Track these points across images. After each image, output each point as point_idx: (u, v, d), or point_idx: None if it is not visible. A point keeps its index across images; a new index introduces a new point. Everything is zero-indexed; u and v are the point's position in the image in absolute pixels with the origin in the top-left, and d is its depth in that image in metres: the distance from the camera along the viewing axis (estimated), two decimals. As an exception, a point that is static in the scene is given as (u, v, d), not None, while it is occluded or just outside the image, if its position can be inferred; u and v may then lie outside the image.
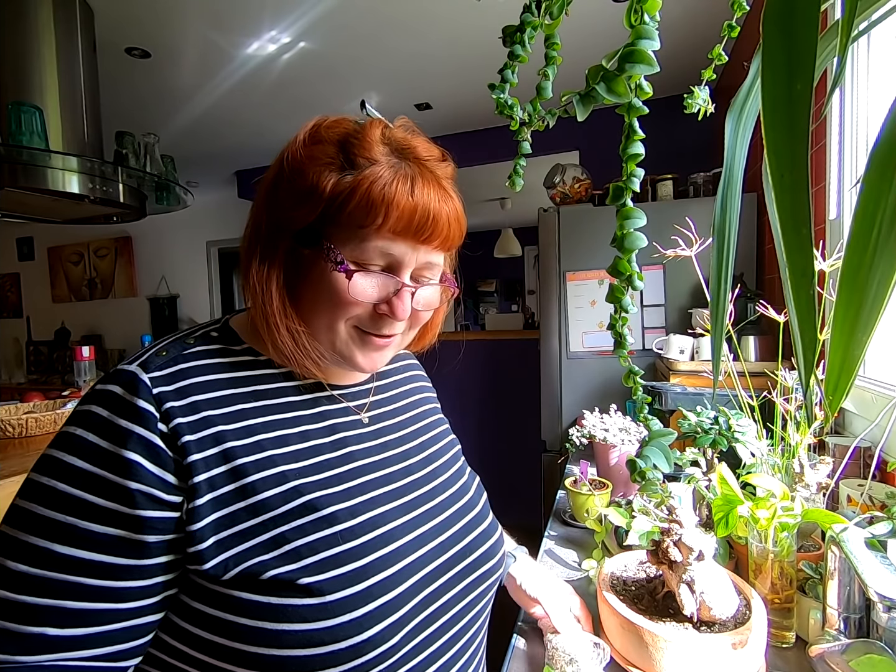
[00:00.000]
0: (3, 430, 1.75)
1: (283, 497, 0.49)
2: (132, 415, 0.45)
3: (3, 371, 5.26)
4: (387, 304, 0.53)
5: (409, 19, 2.19)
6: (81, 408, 0.47)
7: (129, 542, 0.44)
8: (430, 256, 0.54)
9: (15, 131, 1.67)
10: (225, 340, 0.56)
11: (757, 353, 1.70)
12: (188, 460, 0.46)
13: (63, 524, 0.43)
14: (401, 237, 0.51)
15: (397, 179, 0.50)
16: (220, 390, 0.51)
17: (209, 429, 0.48)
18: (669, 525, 0.65)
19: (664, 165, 2.37)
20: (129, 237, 4.98)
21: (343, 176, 0.50)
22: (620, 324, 0.52)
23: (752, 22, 1.72)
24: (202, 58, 2.45)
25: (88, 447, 0.44)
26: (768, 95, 0.26)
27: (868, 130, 1.23)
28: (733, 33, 0.71)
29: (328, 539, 0.49)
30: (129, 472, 0.44)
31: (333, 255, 0.50)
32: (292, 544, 0.47)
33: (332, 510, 0.50)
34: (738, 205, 0.42)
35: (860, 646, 0.61)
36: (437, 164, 0.54)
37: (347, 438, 0.57)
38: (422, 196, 0.50)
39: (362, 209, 0.49)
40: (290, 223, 0.52)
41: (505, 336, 3.84)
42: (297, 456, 0.52)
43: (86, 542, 0.43)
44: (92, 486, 0.43)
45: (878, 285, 0.27)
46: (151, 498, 0.44)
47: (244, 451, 0.49)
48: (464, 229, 0.56)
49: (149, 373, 0.48)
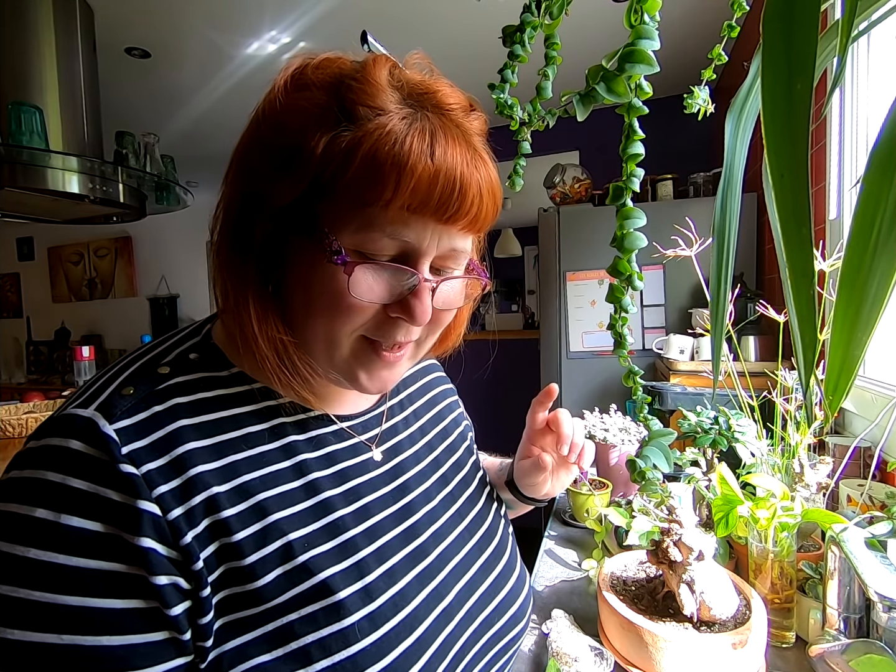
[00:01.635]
0: (3, 430, 1.75)
1: (288, 578, 0.39)
2: (119, 483, 0.34)
3: (3, 371, 5.26)
4: (400, 304, 0.41)
5: (409, 19, 2.19)
6: (30, 475, 0.34)
7: (161, 652, 0.34)
8: (456, 241, 0.41)
9: (15, 131, 1.67)
10: (207, 365, 0.43)
11: (757, 353, 1.71)
12: (183, 542, 0.35)
13: (84, 647, 0.32)
14: (418, 215, 0.38)
15: (412, 135, 0.37)
16: (207, 438, 0.39)
17: (198, 494, 0.37)
18: (669, 525, 0.65)
19: (664, 165, 2.37)
20: (129, 237, 4.98)
21: (339, 132, 0.37)
22: (620, 324, 0.52)
23: (752, 22, 1.72)
24: (202, 58, 2.45)
25: (77, 536, 0.33)
26: (768, 95, 0.26)
27: (868, 130, 1.23)
28: (733, 33, 0.71)
29: (345, 635, 0.39)
30: (148, 563, 0.34)
31: (328, 241, 0.38)
32: (300, 642, 0.37)
33: (347, 594, 0.40)
34: (738, 205, 0.42)
35: (860, 646, 0.61)
36: (463, 115, 0.42)
37: (361, 487, 0.47)
38: (445, 158, 0.37)
39: (365, 177, 0.36)
40: (270, 199, 0.39)
41: (505, 336, 3.84)
42: (305, 518, 0.42)
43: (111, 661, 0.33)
44: (98, 588, 0.33)
45: (878, 285, 0.27)
46: (177, 590, 0.35)
47: (240, 521, 0.38)
48: (499, 203, 0.43)
49: (113, 421, 0.35)
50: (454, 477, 0.58)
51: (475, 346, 2.27)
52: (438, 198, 0.38)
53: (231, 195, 0.42)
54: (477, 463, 0.65)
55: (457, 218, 0.39)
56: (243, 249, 0.41)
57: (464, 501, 0.57)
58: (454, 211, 0.39)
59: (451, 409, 0.67)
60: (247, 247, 0.41)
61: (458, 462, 0.61)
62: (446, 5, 2.09)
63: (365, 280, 0.39)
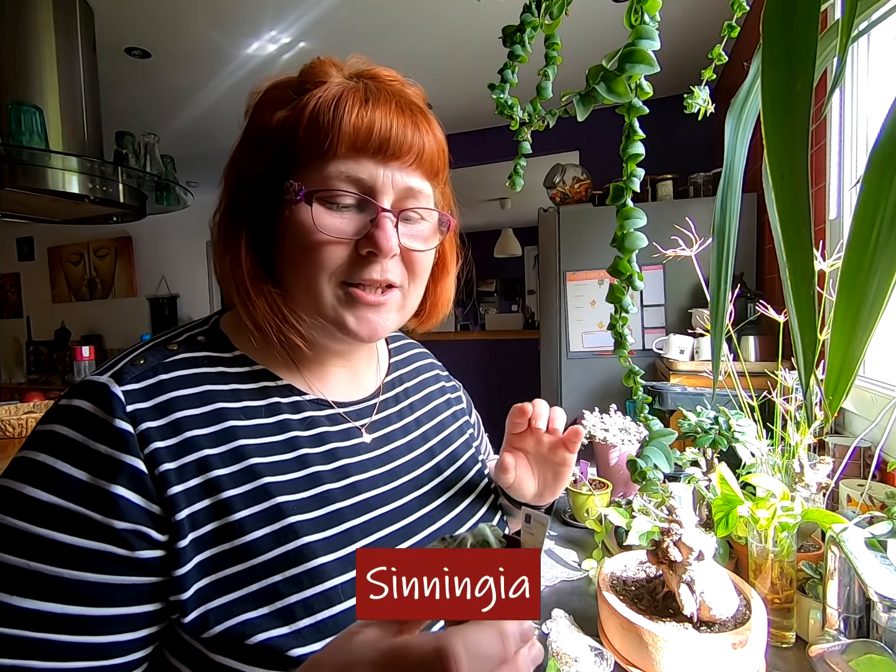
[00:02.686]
0: (3, 430, 1.75)
1: (275, 537, 0.41)
2: (110, 438, 0.39)
3: (3, 371, 5.26)
4: (367, 238, 0.45)
5: (409, 19, 2.19)
6: (44, 427, 0.39)
7: (119, 589, 0.38)
8: (411, 180, 0.47)
9: (15, 131, 1.67)
10: (213, 346, 0.48)
11: (757, 353, 1.71)
12: (168, 493, 0.39)
13: (35, 574, 0.36)
14: (364, 155, 0.44)
15: (348, 91, 0.44)
16: (206, 405, 0.44)
17: (192, 454, 0.41)
18: (669, 525, 0.65)
19: (664, 165, 2.37)
20: (129, 237, 4.98)
21: (291, 105, 0.45)
22: (620, 324, 0.52)
23: (752, 22, 1.72)
24: (202, 58, 2.45)
25: (61, 478, 0.37)
26: (768, 95, 0.26)
27: (868, 130, 1.23)
28: (733, 33, 0.71)
29: (328, 596, 0.41)
30: (115, 509, 0.37)
31: (292, 188, 0.44)
32: (285, 601, 0.40)
33: (329, 559, 0.43)
34: (738, 205, 0.42)
35: (860, 646, 0.61)
36: (400, 84, 0.49)
37: (350, 467, 0.50)
38: (379, 103, 0.44)
39: (313, 131, 0.43)
40: (249, 173, 0.46)
41: (505, 336, 3.84)
42: (295, 486, 0.45)
43: (66, 593, 0.36)
44: (70, 526, 0.37)
45: (878, 285, 0.27)
46: (142, 537, 0.38)
47: (232, 480, 0.42)
48: (446, 151, 0.50)
49: (122, 385, 0.41)
50: (448, 467, 0.59)
51: (475, 346, 2.32)
52: (380, 137, 0.44)
53: (225, 184, 0.49)
54: (475, 457, 0.65)
55: (401, 155, 0.45)
56: (235, 220, 0.47)
57: (457, 491, 0.58)
58: (397, 148, 0.45)
59: (449, 405, 0.68)
60: (237, 217, 0.47)
61: (453, 454, 0.62)
62: (446, 5, 2.09)
63: (329, 216, 0.44)
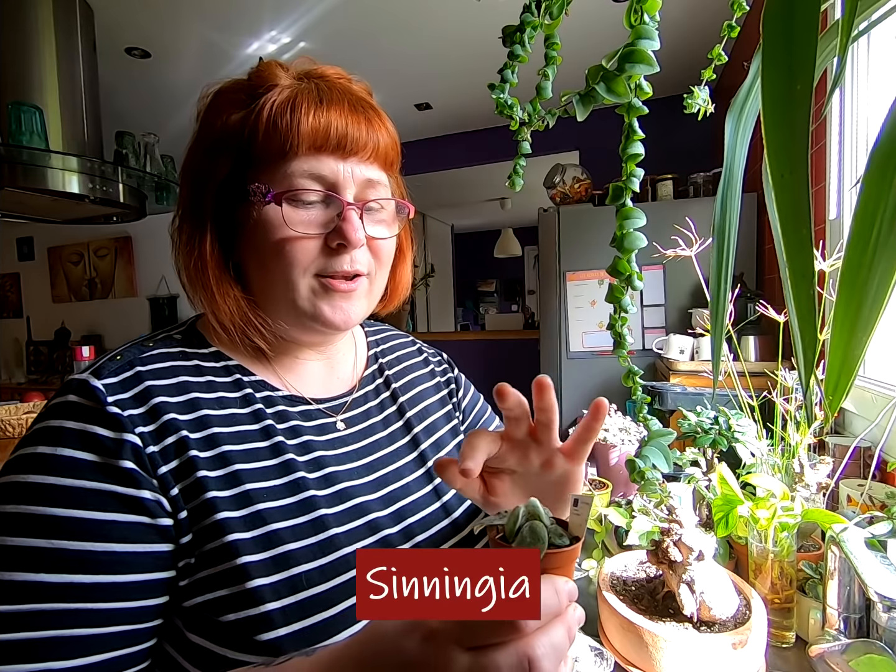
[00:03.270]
0: (3, 430, 1.75)
1: (244, 522, 0.43)
2: (105, 421, 0.40)
3: (3, 371, 5.25)
4: (335, 231, 0.47)
5: (409, 20, 2.19)
6: (36, 426, 0.41)
7: (152, 556, 0.40)
8: (369, 172, 0.49)
9: (15, 131, 1.67)
10: (189, 343, 0.50)
11: (757, 353, 1.71)
12: (159, 472, 0.41)
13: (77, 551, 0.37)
14: (324, 153, 0.46)
15: (302, 93, 0.46)
16: (182, 395, 0.45)
17: (171, 436, 0.43)
18: (669, 525, 0.65)
19: (664, 165, 2.37)
20: (129, 237, 4.97)
21: (247, 109, 0.47)
22: (620, 324, 0.52)
23: (752, 22, 1.72)
24: (202, 58, 2.45)
25: (67, 462, 0.39)
26: (768, 95, 0.26)
27: (868, 130, 1.23)
28: (733, 33, 0.71)
29: (293, 582, 0.42)
30: (134, 481, 0.40)
31: (259, 190, 0.46)
32: (253, 582, 0.41)
33: (297, 546, 0.44)
34: (738, 205, 0.42)
35: (860, 646, 0.61)
36: (346, 81, 0.51)
37: (325, 458, 0.50)
38: (332, 102, 0.46)
39: (273, 133, 0.45)
40: (210, 177, 0.47)
41: (505, 336, 3.84)
42: (268, 473, 0.46)
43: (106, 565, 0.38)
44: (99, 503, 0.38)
45: (878, 285, 0.27)
46: (160, 505, 0.41)
47: (207, 463, 0.43)
48: (397, 142, 0.52)
49: (101, 379, 0.42)
50: (433, 455, 0.59)
51: (476, 346, 2.32)
52: (338, 134, 0.46)
53: (183, 188, 0.50)
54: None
55: (358, 149, 0.47)
56: (198, 224, 0.48)
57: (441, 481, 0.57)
58: (353, 143, 0.47)
59: (438, 388, 0.67)
60: (199, 220, 0.48)
61: (438, 442, 0.61)
62: (446, 5, 2.09)
63: (297, 214, 0.46)
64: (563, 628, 0.31)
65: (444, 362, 0.72)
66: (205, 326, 0.52)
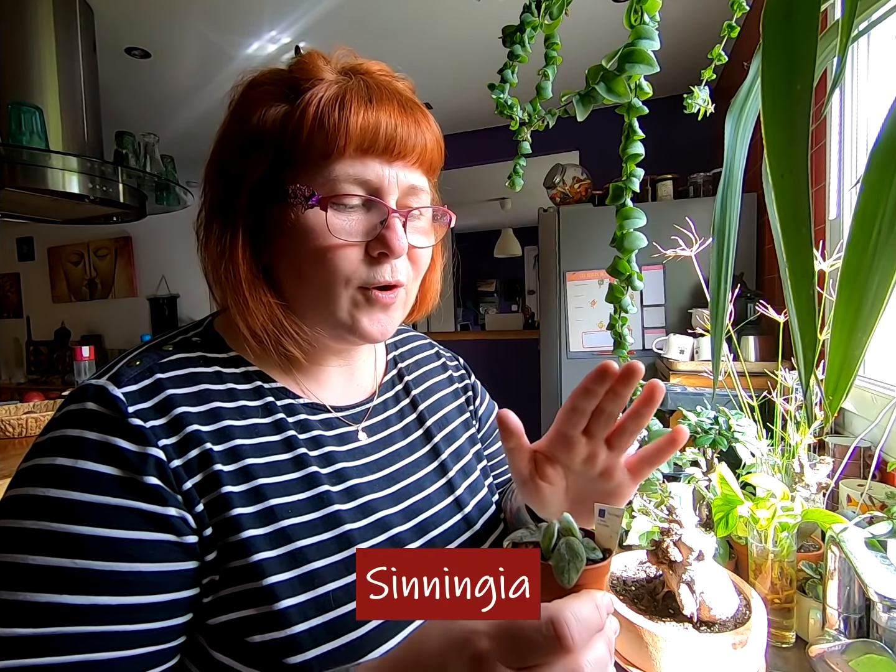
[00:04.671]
0: (3, 430, 1.75)
1: (269, 539, 0.41)
2: (128, 433, 0.38)
3: (3, 371, 5.25)
4: (378, 240, 0.45)
5: (409, 20, 2.19)
6: (52, 434, 0.38)
7: (179, 575, 0.38)
8: (413, 178, 0.47)
9: (15, 131, 1.67)
10: (208, 347, 0.48)
11: (757, 353, 1.71)
12: (184, 487, 0.40)
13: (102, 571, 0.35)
14: (370, 156, 0.44)
15: (350, 90, 0.43)
16: (204, 404, 0.43)
17: (195, 448, 0.41)
18: (669, 525, 0.65)
19: (664, 165, 2.37)
20: (129, 237, 4.97)
21: (289, 106, 0.44)
22: (620, 324, 0.52)
23: (752, 22, 1.72)
24: (202, 58, 2.45)
25: (93, 478, 0.36)
26: (768, 95, 0.26)
27: (868, 130, 1.23)
28: (733, 33, 0.71)
29: (320, 601, 0.41)
30: (158, 497, 0.38)
31: (301, 192, 0.43)
32: (281, 604, 0.39)
33: (323, 563, 0.42)
34: (738, 205, 0.42)
35: (860, 646, 0.61)
36: (390, 77, 0.48)
37: (347, 470, 0.49)
38: (382, 102, 0.44)
39: (319, 134, 0.42)
40: (245, 175, 0.45)
41: (505, 336, 3.84)
42: (291, 488, 0.44)
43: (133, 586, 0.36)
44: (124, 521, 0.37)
45: (878, 285, 0.27)
46: (186, 522, 0.39)
47: (231, 478, 0.41)
48: (443, 147, 0.49)
49: (121, 387, 0.40)
50: (454, 465, 0.58)
51: (476, 346, 2.33)
52: (386, 137, 0.43)
53: (212, 182, 0.47)
54: (479, 453, 0.63)
55: (405, 153, 0.45)
56: (229, 223, 0.45)
57: (463, 491, 0.57)
58: (402, 147, 0.44)
59: (456, 395, 0.66)
60: (231, 220, 0.45)
61: (458, 451, 0.60)
62: (446, 5, 2.09)
63: (340, 221, 0.44)
64: (605, 643, 0.30)
65: (462, 368, 0.71)
66: (223, 328, 0.50)
